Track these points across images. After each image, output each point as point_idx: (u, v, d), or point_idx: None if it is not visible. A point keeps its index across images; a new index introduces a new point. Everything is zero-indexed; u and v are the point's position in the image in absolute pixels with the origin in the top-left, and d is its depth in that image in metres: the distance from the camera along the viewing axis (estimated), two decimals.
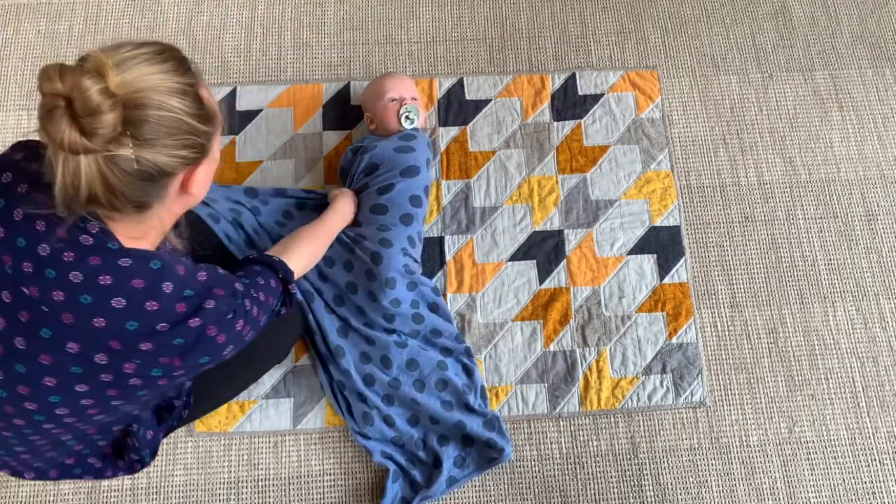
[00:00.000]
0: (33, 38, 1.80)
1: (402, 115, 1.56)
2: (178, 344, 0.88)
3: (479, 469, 1.42)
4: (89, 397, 0.90)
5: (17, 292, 0.84)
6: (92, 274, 0.83)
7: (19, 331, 0.85)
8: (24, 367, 0.86)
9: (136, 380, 0.89)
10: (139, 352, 0.86)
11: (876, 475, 1.48)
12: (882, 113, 1.78)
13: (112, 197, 0.79)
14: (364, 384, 1.44)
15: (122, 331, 0.85)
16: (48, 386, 0.88)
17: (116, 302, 0.84)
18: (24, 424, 0.93)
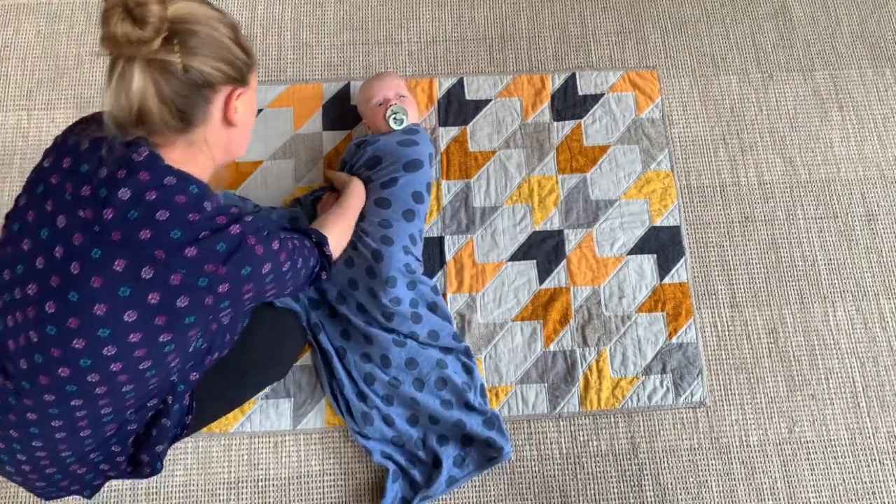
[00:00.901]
0: (33, 38, 1.80)
1: (388, 117, 1.55)
2: (220, 249, 0.93)
3: (478, 468, 1.42)
4: (138, 329, 0.91)
5: (73, 217, 0.91)
6: (140, 190, 0.90)
7: (74, 255, 0.90)
8: (76, 294, 0.89)
9: (184, 299, 0.92)
10: (184, 259, 0.90)
11: (876, 475, 1.48)
12: (882, 113, 1.78)
13: (162, 106, 0.89)
14: (364, 383, 1.44)
15: (167, 240, 0.90)
16: (98, 316, 0.90)
17: (160, 214, 0.90)
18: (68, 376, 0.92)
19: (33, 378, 0.94)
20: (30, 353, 0.93)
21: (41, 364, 0.92)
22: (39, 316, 0.91)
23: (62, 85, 1.76)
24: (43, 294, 0.91)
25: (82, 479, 1.11)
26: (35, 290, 0.92)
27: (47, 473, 1.06)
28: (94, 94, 1.75)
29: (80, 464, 1.08)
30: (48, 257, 0.92)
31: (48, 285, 0.91)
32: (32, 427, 0.98)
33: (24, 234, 0.95)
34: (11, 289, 0.94)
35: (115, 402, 0.99)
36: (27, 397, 0.95)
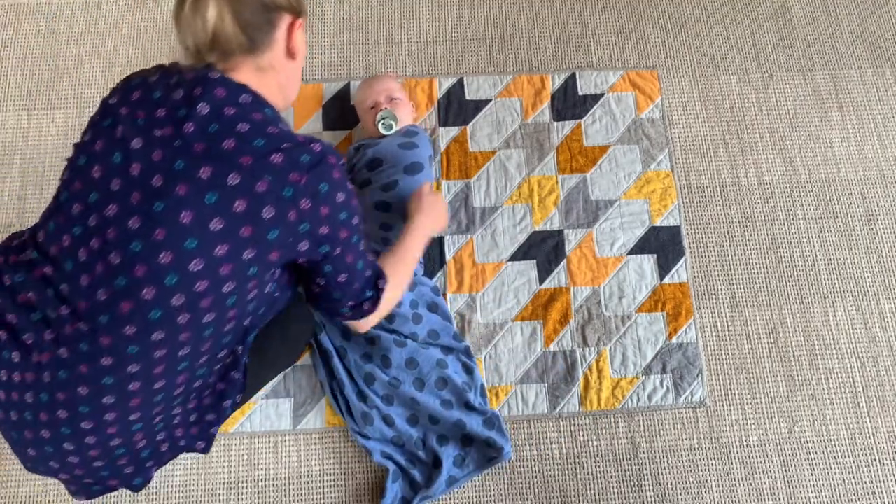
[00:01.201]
0: (33, 38, 1.80)
1: (377, 122, 1.55)
2: (303, 161, 0.95)
3: (478, 468, 1.42)
4: (224, 241, 0.91)
5: (148, 137, 0.93)
6: (218, 106, 0.94)
7: (155, 169, 0.91)
8: (161, 203, 0.90)
9: (270, 209, 0.92)
10: (270, 165, 0.92)
11: (876, 475, 1.48)
12: (882, 113, 1.78)
13: (235, 27, 0.95)
14: (364, 383, 1.44)
15: (251, 147, 0.92)
16: (184, 224, 0.90)
17: (241, 127, 0.93)
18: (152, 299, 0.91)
19: (114, 308, 0.92)
20: (110, 278, 0.91)
21: (123, 288, 0.91)
22: (121, 235, 0.91)
23: (62, 85, 1.76)
24: (124, 212, 0.91)
25: (138, 458, 1.07)
26: (115, 211, 0.92)
27: (110, 447, 1.01)
28: (94, 94, 1.75)
29: (143, 432, 1.04)
30: (124, 177, 0.92)
31: (128, 203, 0.91)
32: (106, 377, 0.95)
33: (92, 163, 0.96)
34: (84, 219, 0.94)
35: (193, 341, 0.97)
36: (105, 334, 0.93)
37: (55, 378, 0.96)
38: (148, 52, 1.80)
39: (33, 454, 1.02)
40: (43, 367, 0.96)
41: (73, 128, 1.71)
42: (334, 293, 1.10)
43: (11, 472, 1.44)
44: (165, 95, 0.95)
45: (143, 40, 1.81)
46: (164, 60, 1.78)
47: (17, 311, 0.98)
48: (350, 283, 1.10)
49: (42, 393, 0.97)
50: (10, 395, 0.99)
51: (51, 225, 0.98)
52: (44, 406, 0.97)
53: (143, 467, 1.11)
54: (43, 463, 1.04)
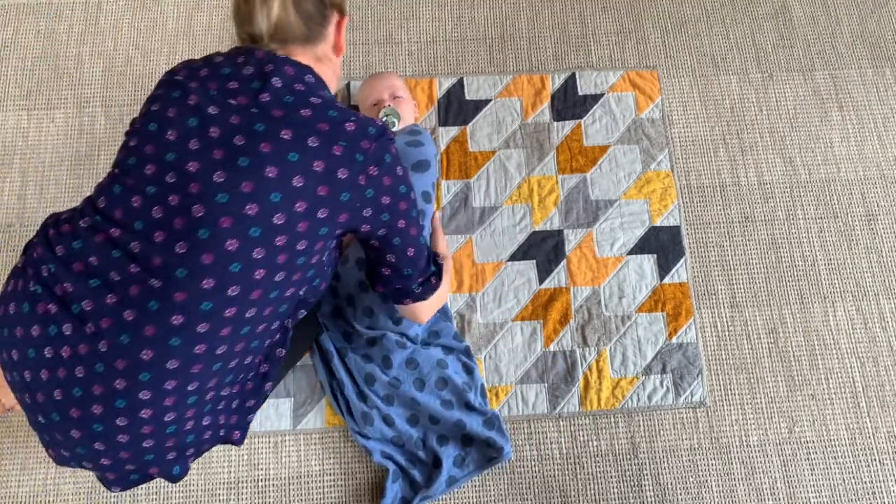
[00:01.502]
0: (33, 38, 1.80)
1: (381, 118, 1.54)
2: (371, 132, 1.03)
3: (478, 468, 1.42)
4: (304, 198, 0.97)
5: (224, 104, 0.99)
6: (289, 81, 1.01)
7: (235, 131, 0.97)
8: (247, 159, 0.95)
9: (344, 171, 1.00)
10: (345, 132, 1.01)
11: (876, 475, 1.48)
12: (882, 113, 1.78)
13: (296, 17, 1.05)
14: (364, 383, 1.44)
15: (327, 116, 1.01)
16: (270, 178, 0.95)
17: (313, 100, 1.01)
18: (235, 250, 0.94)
19: (194, 260, 0.93)
20: (191, 231, 0.93)
21: (206, 239, 0.93)
22: (206, 189, 0.93)
23: (62, 85, 1.76)
24: (207, 167, 0.94)
25: (183, 442, 1.05)
26: (197, 167, 0.95)
27: (163, 423, 0.99)
28: (93, 94, 1.75)
29: (195, 409, 1.02)
30: (203, 138, 0.96)
31: (211, 158, 0.95)
32: (174, 337, 0.94)
33: (165, 128, 0.99)
34: (160, 177, 0.96)
35: (261, 302, 0.99)
36: (180, 290, 0.93)
37: (115, 344, 0.94)
38: (148, 52, 1.80)
39: (77, 436, 0.98)
40: (100, 335, 0.95)
41: (73, 128, 1.71)
42: (405, 269, 1.18)
43: (11, 472, 1.44)
44: (235, 71, 1.02)
45: (143, 40, 1.81)
46: (164, 60, 1.78)
47: (72, 280, 0.97)
48: (418, 257, 1.18)
49: (97, 363, 0.95)
50: (56, 372, 0.96)
51: (116, 188, 0.99)
52: (98, 378, 0.95)
53: (184, 454, 1.08)
54: (86, 446, 0.99)
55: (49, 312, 0.97)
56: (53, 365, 0.96)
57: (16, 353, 0.99)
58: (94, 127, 1.71)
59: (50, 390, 0.97)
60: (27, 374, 0.99)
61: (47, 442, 1.03)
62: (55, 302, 0.97)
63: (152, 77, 1.77)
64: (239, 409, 1.13)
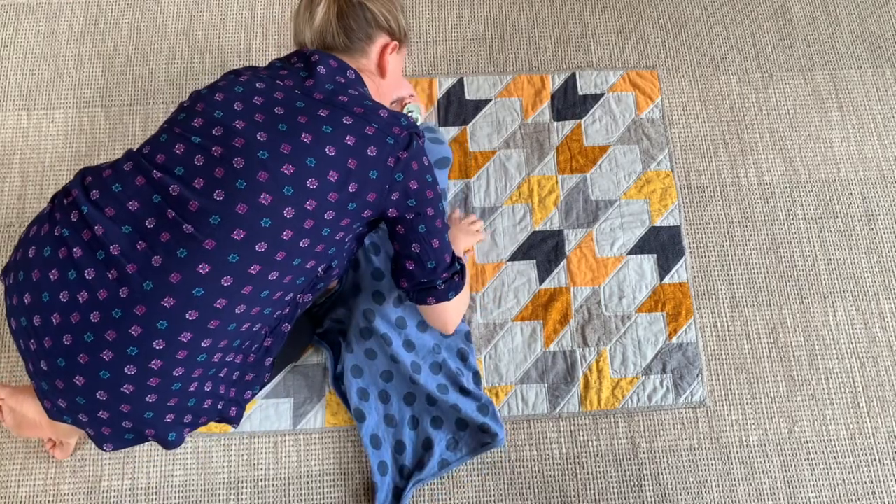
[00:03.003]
0: (33, 38, 1.80)
1: (407, 114, 1.58)
2: (403, 122, 1.11)
3: (471, 453, 1.43)
4: (335, 168, 1.03)
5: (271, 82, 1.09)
6: (332, 72, 1.11)
7: (276, 103, 1.05)
8: (285, 125, 1.03)
9: (373, 149, 1.07)
10: (378, 116, 1.08)
11: (876, 475, 1.48)
12: (882, 113, 1.78)
13: (337, 27, 1.16)
14: (365, 356, 1.44)
15: (362, 104, 1.09)
16: (305, 143, 1.02)
17: (352, 91, 1.11)
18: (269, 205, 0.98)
19: (229, 208, 0.97)
20: (231, 180, 0.98)
21: (243, 190, 0.97)
22: (249, 144, 1.00)
23: (62, 85, 1.76)
24: (251, 127, 1.01)
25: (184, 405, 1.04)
26: (242, 125, 1.02)
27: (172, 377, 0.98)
28: (93, 94, 1.75)
29: (203, 368, 1.01)
30: (247, 103, 1.04)
31: (254, 120, 1.02)
32: (198, 287, 0.96)
33: (214, 91, 1.08)
34: (207, 129, 1.02)
35: (283, 266, 1.02)
36: (211, 237, 0.96)
37: (138, 290, 0.95)
38: (148, 52, 1.80)
39: (80, 383, 0.96)
40: (123, 280, 0.95)
41: (73, 128, 1.71)
42: (429, 261, 1.20)
43: (11, 472, 1.44)
44: (286, 65, 1.13)
45: (143, 40, 1.81)
46: (164, 60, 1.78)
47: (105, 224, 0.98)
48: (442, 251, 1.21)
49: (116, 309, 0.95)
50: (69, 317, 0.96)
51: (162, 137, 1.05)
52: (114, 323, 0.95)
53: (183, 420, 1.07)
54: (88, 395, 0.97)
55: (73, 257, 0.97)
56: (67, 309, 0.96)
57: (28, 296, 0.99)
58: (94, 127, 1.71)
59: (59, 335, 0.96)
60: (37, 319, 0.98)
61: (45, 391, 1.02)
62: (81, 245, 0.98)
63: (152, 77, 1.77)
64: (239, 382, 1.13)
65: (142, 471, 1.44)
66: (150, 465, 1.44)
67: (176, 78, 1.77)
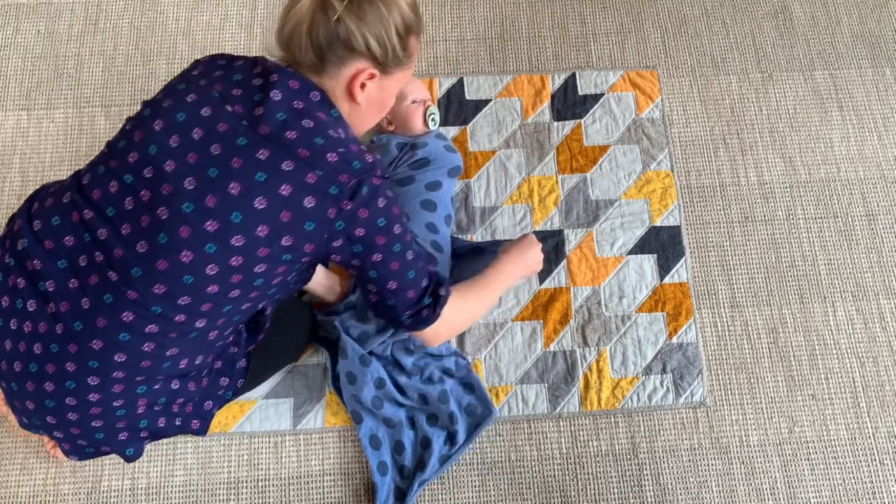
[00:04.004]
0: (33, 38, 1.80)
1: (428, 116, 1.61)
2: (355, 166, 0.98)
3: (468, 441, 1.44)
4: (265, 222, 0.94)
5: (219, 109, 0.96)
6: (289, 96, 0.97)
7: (217, 138, 0.95)
8: (216, 170, 0.93)
9: (311, 199, 0.95)
10: (325, 162, 0.95)
11: (876, 475, 1.48)
12: (882, 113, 1.78)
13: (306, 36, 0.98)
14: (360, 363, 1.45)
15: (311, 143, 0.96)
16: (232, 195, 0.93)
17: (306, 122, 0.96)
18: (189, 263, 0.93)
19: (150, 263, 0.93)
20: (153, 232, 0.92)
21: (164, 245, 0.92)
22: (175, 193, 0.92)
23: (62, 85, 1.76)
24: (181, 171, 0.93)
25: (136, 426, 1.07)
26: (173, 167, 0.93)
27: (112, 407, 1.01)
28: (93, 94, 1.75)
29: (146, 398, 1.03)
30: (185, 137, 0.95)
31: (186, 161, 0.93)
32: (124, 333, 0.95)
33: (156, 116, 0.98)
34: (139, 168, 0.95)
35: (212, 313, 0.99)
36: (133, 289, 0.94)
37: (70, 329, 0.95)
38: (148, 52, 1.80)
39: (31, 407, 1.01)
40: (59, 317, 0.96)
41: (73, 128, 1.71)
42: (388, 300, 1.12)
43: (11, 472, 1.44)
44: (245, 79, 0.99)
45: (143, 40, 1.81)
46: (164, 61, 1.78)
47: (43, 258, 0.98)
48: (401, 290, 1.10)
49: (53, 343, 0.96)
50: (18, 344, 0.98)
51: (101, 168, 0.99)
52: (52, 357, 0.97)
53: (139, 436, 1.11)
54: (39, 417, 1.02)
55: (18, 286, 0.98)
56: (16, 337, 0.99)
57: None
58: (94, 127, 1.71)
59: (11, 360, 1.00)
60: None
61: (14, 407, 1.06)
62: (24, 276, 0.98)
63: (152, 77, 1.77)
64: (193, 401, 1.13)
65: (142, 471, 1.44)
66: (151, 465, 1.44)
67: None
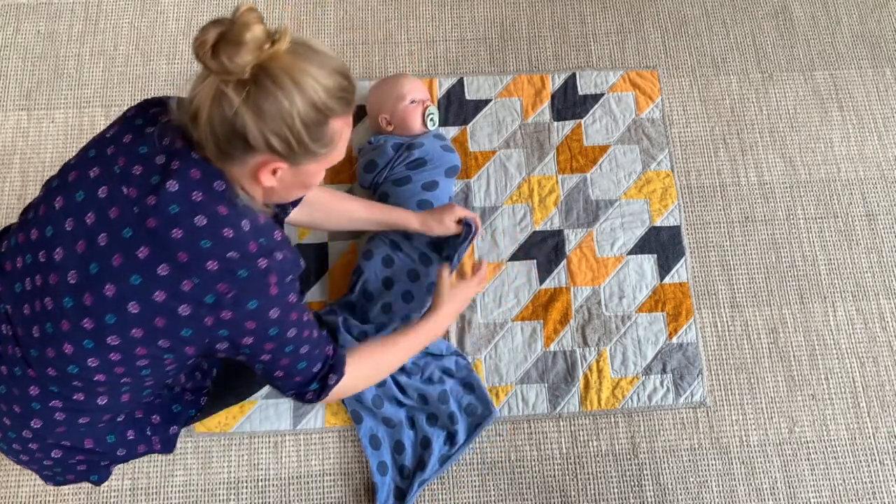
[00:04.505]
0: (33, 38, 1.80)
1: (427, 116, 1.60)
2: (240, 275, 0.90)
3: (468, 441, 1.44)
4: (139, 325, 0.89)
5: (116, 190, 0.89)
6: (188, 188, 0.88)
7: (105, 225, 0.89)
8: (97, 266, 0.89)
9: (186, 307, 0.89)
10: (203, 270, 0.88)
11: (876, 475, 1.48)
12: (882, 113, 1.78)
13: (206, 124, 0.84)
14: None
15: (195, 246, 0.87)
16: (107, 297, 0.88)
17: (199, 220, 0.88)
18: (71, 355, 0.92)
19: (41, 348, 0.93)
20: (42, 320, 0.92)
21: (50, 335, 0.92)
22: (59, 284, 0.91)
23: (62, 85, 1.76)
24: (67, 261, 0.90)
25: (92, 458, 1.10)
26: (61, 256, 0.91)
27: (63, 446, 1.04)
28: (93, 94, 1.75)
29: (93, 436, 1.06)
30: (78, 220, 0.91)
31: (74, 251, 0.90)
32: (35, 402, 0.97)
33: (59, 191, 0.94)
34: (36, 250, 0.93)
35: (112, 393, 0.98)
36: (32, 367, 0.95)
37: (7, 376, 0.98)
38: (148, 52, 1.80)
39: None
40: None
41: (73, 128, 1.71)
42: (273, 380, 1.06)
43: (11, 472, 1.44)
44: (150, 154, 0.90)
45: (143, 40, 1.81)
46: (164, 61, 1.78)
47: None
48: (289, 377, 1.05)
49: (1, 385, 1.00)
50: None
51: (13, 240, 0.98)
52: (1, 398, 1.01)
53: (99, 465, 1.14)
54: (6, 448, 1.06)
55: None
56: None
57: None
58: (94, 127, 1.71)
59: None
60: None
61: None
62: None
63: (152, 77, 1.77)
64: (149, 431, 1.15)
65: (142, 471, 1.44)
66: (150, 465, 1.44)
67: (176, 78, 1.77)
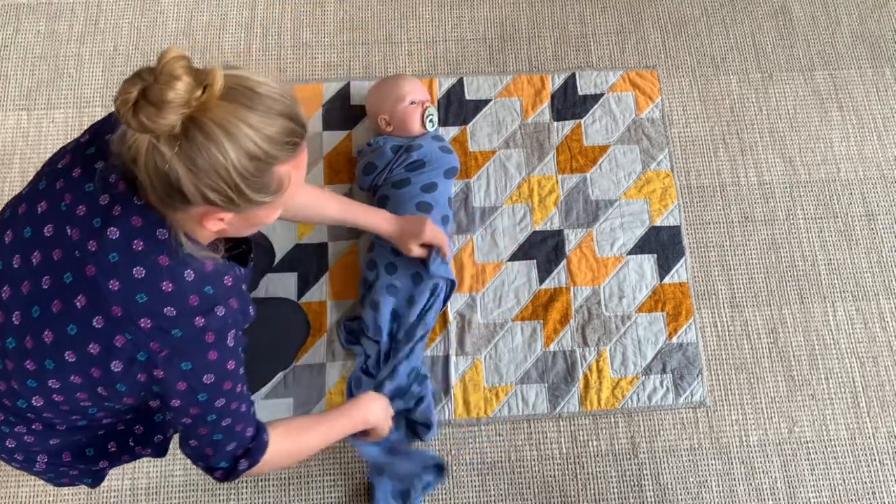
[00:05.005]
0: (33, 38, 1.80)
1: (426, 118, 1.59)
2: (174, 334, 0.86)
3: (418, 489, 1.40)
4: (77, 373, 0.88)
5: (60, 229, 0.87)
6: (129, 236, 0.84)
7: (48, 268, 0.87)
8: (39, 309, 0.87)
9: (118, 364, 0.86)
10: (136, 327, 0.85)
11: (876, 475, 1.48)
12: (882, 113, 1.78)
13: (144, 172, 0.79)
14: None
15: (130, 300, 0.84)
16: (46, 343, 0.87)
17: (137, 271, 0.84)
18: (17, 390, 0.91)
19: None
20: None
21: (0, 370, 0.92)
22: (5, 323, 0.89)
23: (62, 85, 1.76)
24: (13, 300, 0.89)
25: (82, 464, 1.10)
26: (8, 294, 0.90)
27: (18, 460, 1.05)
28: (93, 94, 1.75)
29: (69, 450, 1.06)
30: (25, 257, 0.89)
31: (20, 290, 0.89)
32: (2, 426, 0.99)
33: (9, 224, 0.93)
34: None
35: (66, 425, 0.99)
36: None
37: None
38: (148, 52, 1.80)
39: None
40: None
41: (73, 128, 1.71)
42: (185, 449, 1.03)
43: (11, 472, 1.44)
44: (96, 192, 0.86)
45: (143, 40, 1.81)
46: None
47: None
48: (200, 447, 1.01)
49: None
50: None
51: None
52: None
53: (90, 470, 1.12)
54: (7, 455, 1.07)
55: None
56: None
57: None
58: None
59: None
60: None
61: None
62: None
63: None
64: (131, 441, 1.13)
65: (142, 471, 1.44)
66: (150, 465, 1.44)
67: None
